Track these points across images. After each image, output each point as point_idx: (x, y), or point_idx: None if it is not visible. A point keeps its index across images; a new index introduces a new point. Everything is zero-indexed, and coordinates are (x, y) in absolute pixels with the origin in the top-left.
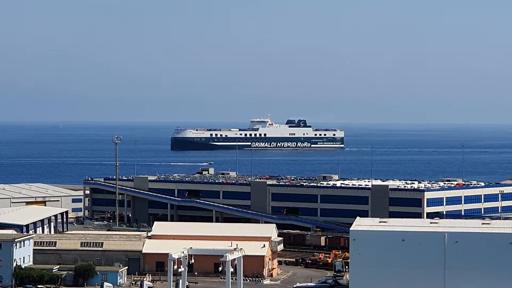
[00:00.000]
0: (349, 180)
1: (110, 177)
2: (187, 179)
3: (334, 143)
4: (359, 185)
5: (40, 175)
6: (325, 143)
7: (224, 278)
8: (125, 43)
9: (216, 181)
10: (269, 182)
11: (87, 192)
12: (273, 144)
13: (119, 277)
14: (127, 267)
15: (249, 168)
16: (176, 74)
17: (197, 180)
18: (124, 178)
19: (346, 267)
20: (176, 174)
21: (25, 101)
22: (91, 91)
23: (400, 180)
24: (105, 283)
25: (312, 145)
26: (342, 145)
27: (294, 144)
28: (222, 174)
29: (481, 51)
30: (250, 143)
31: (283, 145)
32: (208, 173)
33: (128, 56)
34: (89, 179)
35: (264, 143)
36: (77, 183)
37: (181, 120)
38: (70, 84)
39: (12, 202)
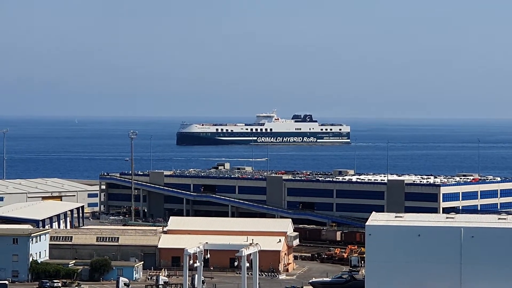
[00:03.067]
0: (364, 175)
1: (126, 172)
2: (202, 174)
3: (340, 138)
4: (374, 180)
5: (56, 170)
6: (331, 138)
7: (239, 273)
8: (132, 39)
9: (232, 176)
10: (284, 177)
11: (103, 187)
12: (279, 139)
13: (134, 272)
14: (142, 262)
15: (263, 163)
16: (182, 69)
17: (213, 175)
18: (139, 173)
19: (362, 262)
20: (192, 169)
21: (39, 96)
22: (99, 87)
23: (416, 175)
24: (121, 278)
25: (318, 140)
26: (348, 140)
27: (300, 139)
28: (238, 169)
29: (494, 46)
30: (256, 138)
31: (289, 140)
32: (224, 168)
33: (133, 52)
34: (105, 174)
35: (270, 138)
36: (93, 178)
37: (186, 115)
38: (79, 80)
39: (28, 197)
